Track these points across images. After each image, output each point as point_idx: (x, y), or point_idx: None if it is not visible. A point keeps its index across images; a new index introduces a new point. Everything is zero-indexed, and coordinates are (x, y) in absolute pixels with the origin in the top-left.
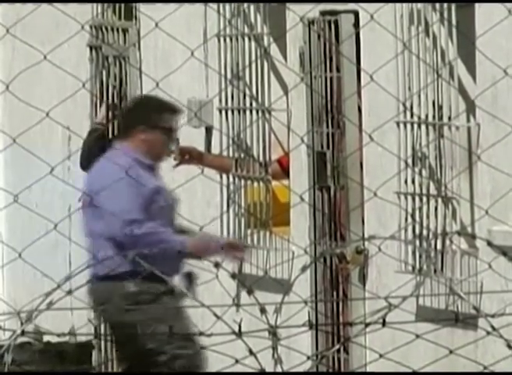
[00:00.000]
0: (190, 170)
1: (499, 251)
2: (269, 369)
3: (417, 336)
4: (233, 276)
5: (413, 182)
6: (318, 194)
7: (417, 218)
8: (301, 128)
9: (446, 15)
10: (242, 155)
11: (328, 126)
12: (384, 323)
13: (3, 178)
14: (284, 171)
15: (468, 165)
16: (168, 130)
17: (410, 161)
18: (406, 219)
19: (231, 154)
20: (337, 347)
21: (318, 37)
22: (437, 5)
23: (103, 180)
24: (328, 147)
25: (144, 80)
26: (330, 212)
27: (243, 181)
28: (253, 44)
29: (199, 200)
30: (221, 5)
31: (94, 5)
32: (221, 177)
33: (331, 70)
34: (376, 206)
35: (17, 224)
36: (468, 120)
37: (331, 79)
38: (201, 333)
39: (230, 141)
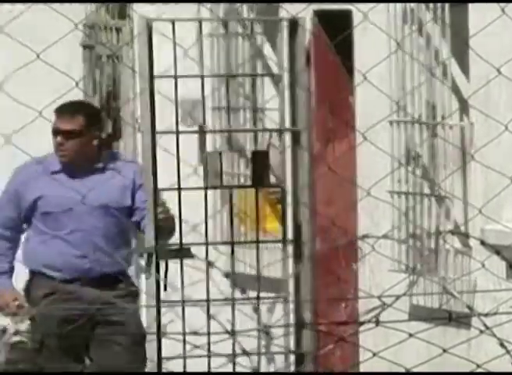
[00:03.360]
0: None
1: (492, 250)
2: (262, 368)
3: (411, 335)
4: (227, 275)
5: (406, 181)
6: None
7: (411, 217)
8: None
9: (439, 14)
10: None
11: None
12: (377, 322)
13: None
14: None
15: (462, 164)
16: (53, 132)
17: (403, 160)
18: (399, 218)
19: (224, 152)
20: (330, 346)
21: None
22: (430, 5)
23: None
24: None
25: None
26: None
27: (236, 179)
28: (246, 43)
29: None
30: (214, 4)
31: (88, 4)
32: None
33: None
34: (369, 205)
35: None
36: (461, 119)
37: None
38: (195, 333)
39: (224, 140)
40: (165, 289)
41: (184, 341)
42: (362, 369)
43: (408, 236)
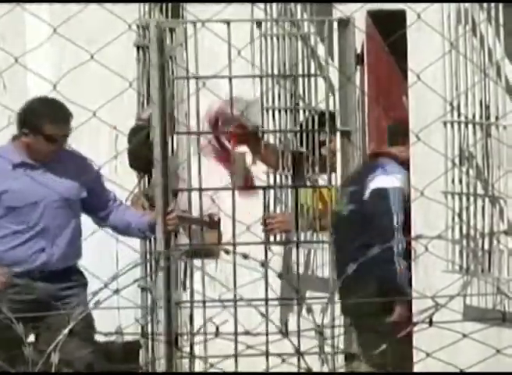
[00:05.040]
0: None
1: None
2: (316, 368)
3: (465, 335)
4: (280, 275)
5: (460, 182)
6: None
7: (464, 217)
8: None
9: (493, 14)
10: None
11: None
12: (431, 323)
13: None
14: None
15: None
16: (49, 137)
17: (457, 160)
18: (453, 219)
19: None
20: (384, 346)
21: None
22: (484, 5)
23: None
24: None
25: (190, 79)
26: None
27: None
28: (300, 43)
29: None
30: (268, 4)
31: (141, 4)
32: (268, 177)
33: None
34: (423, 206)
35: None
36: None
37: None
38: (248, 333)
39: (277, 141)
40: (184, 289)
41: (236, 340)
42: (416, 369)
43: (462, 236)
